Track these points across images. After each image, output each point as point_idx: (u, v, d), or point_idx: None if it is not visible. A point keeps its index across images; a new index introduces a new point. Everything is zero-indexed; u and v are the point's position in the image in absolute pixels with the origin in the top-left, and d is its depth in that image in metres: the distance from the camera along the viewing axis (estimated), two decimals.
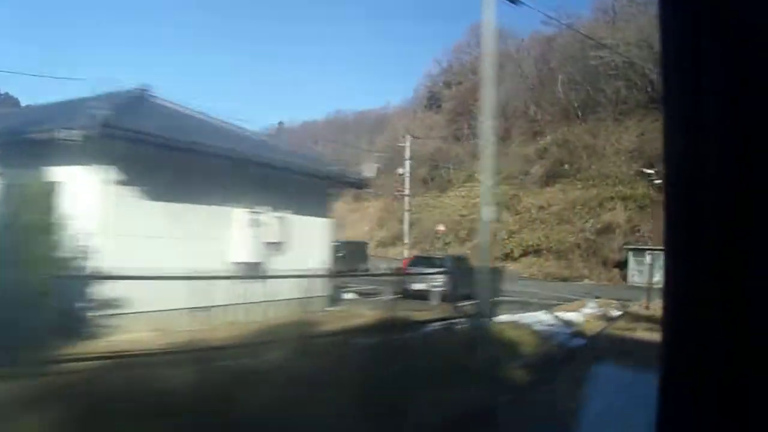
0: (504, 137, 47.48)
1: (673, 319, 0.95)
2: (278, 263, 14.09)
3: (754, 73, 0.87)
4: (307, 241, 15.10)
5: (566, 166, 39.15)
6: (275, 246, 14.27)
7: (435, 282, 18.90)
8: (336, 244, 35.10)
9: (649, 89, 42.75)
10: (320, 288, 15.53)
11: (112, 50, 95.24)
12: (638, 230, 32.13)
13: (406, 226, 46.22)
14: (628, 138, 38.05)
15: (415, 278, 19.18)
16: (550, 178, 39.56)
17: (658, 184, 34.19)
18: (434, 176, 51.00)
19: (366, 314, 15.37)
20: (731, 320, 0.84)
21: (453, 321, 14.26)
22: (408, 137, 46.31)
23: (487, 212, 11.60)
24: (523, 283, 29.19)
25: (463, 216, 42.05)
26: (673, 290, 0.95)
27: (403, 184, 47.22)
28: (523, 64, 49.96)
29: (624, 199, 33.54)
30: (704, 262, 0.88)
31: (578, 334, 14.63)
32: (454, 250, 41.00)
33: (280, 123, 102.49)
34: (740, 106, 0.87)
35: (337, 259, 33.27)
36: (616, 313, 19.18)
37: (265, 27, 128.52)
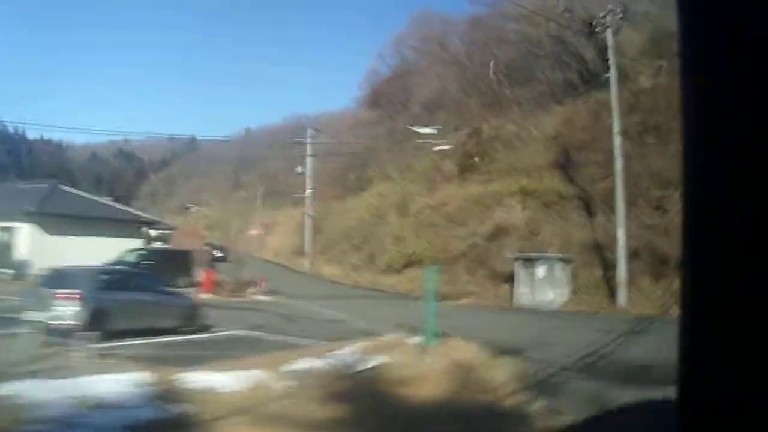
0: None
1: (691, 333, 0.86)
2: None
3: None
4: None
5: (476, 159, 30.67)
6: None
7: (58, 310, 10.76)
8: (139, 252, 27.37)
9: (584, 71, 34.23)
10: None
11: None
12: (538, 233, 23.48)
13: (307, 234, 38.14)
14: (552, 123, 29.52)
15: (30, 303, 11.04)
16: (462, 174, 31.12)
17: (572, 174, 25.53)
18: (359, 176, 42.81)
19: None
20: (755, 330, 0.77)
21: None
22: (309, 131, 38.42)
23: None
24: (362, 304, 20.88)
25: (362, 221, 33.76)
26: (691, 298, 0.87)
27: (315, 185, 39.21)
28: (455, 49, 41.74)
29: (526, 194, 24.91)
30: (728, 265, 0.80)
31: None
32: (354, 258, 32.77)
33: (247, 128, 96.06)
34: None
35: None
36: (366, 365, 10.88)
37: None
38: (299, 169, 38.00)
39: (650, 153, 24.64)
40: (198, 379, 8.88)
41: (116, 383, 7.99)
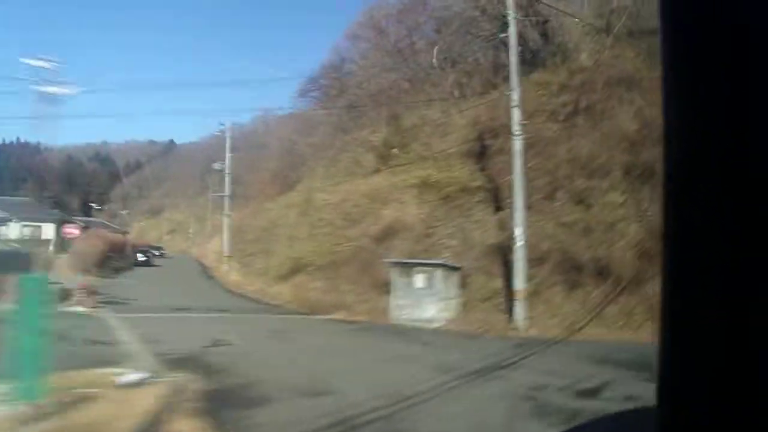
0: (359, 124, 34.47)
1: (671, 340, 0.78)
2: None
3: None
4: None
5: (395, 151, 25.75)
6: None
7: None
8: None
9: (525, 51, 29.22)
10: None
11: None
12: (432, 234, 18.45)
13: (225, 237, 33.28)
14: (481, 108, 24.58)
15: None
16: (380, 167, 26.20)
17: (485, 163, 20.51)
18: (294, 174, 38.03)
19: None
20: (736, 337, 0.72)
21: None
22: (228, 125, 33.74)
23: None
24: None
25: (273, 222, 28.87)
26: (670, 303, 0.78)
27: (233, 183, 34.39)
28: (395, 36, 36.90)
29: (425, 186, 19.89)
30: (707, 271, 0.74)
31: None
32: (260, 262, 27.88)
33: (221, 129, 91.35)
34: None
35: None
36: None
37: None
38: (217, 165, 33.23)
39: (578, 136, 19.66)
40: None
41: None
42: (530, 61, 28.84)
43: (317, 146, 39.02)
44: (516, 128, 15.74)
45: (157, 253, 53.34)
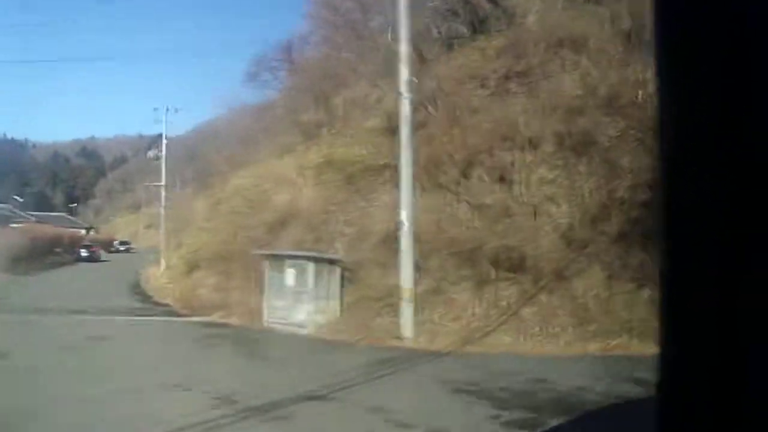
0: (310, 106, 31.10)
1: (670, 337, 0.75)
2: None
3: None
4: None
5: (323, 130, 22.51)
6: None
7: None
8: None
9: (474, 19, 25.83)
10: None
11: None
12: (325, 221, 15.14)
13: (162, 230, 30.23)
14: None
15: None
16: (303, 149, 22.97)
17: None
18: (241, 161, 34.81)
19: None
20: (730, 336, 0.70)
21: None
22: (165, 108, 30.70)
23: None
24: None
25: (193, 213, 25.71)
26: (669, 294, 0.74)
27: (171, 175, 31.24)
28: (347, 11, 33.46)
29: (326, 165, 16.57)
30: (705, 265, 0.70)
31: None
32: (175, 257, 24.70)
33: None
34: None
35: None
36: None
37: None
38: (150, 153, 30.24)
39: (507, 103, 16.25)
40: None
41: None
42: (479, 29, 25.47)
43: (268, 131, 35.96)
44: (403, 87, 12.37)
45: (122, 248, 50.96)
